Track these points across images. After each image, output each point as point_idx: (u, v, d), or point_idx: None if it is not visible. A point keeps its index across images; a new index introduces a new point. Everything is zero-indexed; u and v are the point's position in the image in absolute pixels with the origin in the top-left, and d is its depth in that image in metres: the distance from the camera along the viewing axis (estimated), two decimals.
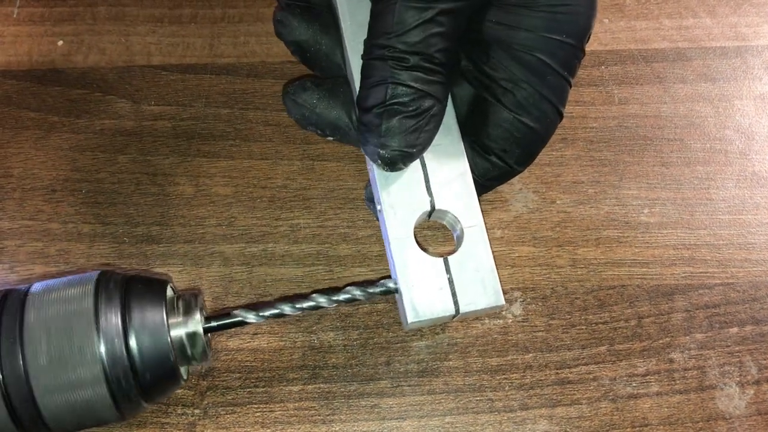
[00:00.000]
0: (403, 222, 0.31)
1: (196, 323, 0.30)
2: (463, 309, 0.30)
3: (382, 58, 0.30)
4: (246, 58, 0.43)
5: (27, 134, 0.40)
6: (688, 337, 0.35)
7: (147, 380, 0.29)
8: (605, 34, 0.44)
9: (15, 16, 0.44)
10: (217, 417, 0.33)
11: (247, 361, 0.34)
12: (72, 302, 0.28)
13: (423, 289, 0.30)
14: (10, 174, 0.39)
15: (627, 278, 0.36)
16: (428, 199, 0.32)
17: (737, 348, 0.35)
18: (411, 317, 0.30)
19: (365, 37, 0.32)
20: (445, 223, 0.33)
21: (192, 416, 0.33)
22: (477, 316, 0.33)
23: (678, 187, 0.39)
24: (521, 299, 0.36)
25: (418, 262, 0.31)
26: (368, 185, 0.35)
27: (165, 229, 0.37)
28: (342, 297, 0.31)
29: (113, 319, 0.28)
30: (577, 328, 0.35)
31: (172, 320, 0.30)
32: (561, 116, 0.33)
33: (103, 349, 0.28)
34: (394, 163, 0.31)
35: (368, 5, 0.32)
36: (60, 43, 0.43)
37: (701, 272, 0.37)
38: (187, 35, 0.43)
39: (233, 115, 0.41)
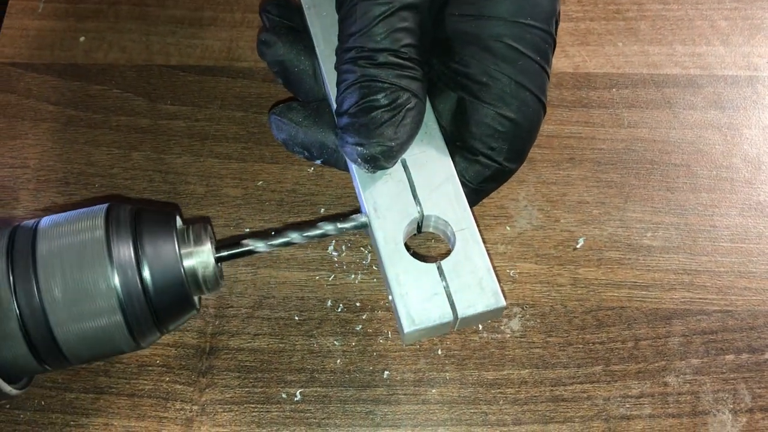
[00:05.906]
0: (392, 231, 0.31)
1: (208, 252, 0.30)
2: (461, 313, 0.29)
3: (352, 60, 0.30)
4: (263, 63, 0.43)
5: (45, 126, 0.41)
6: (683, 362, 0.35)
7: (161, 309, 0.29)
8: (618, 57, 0.44)
9: (40, 10, 0.45)
10: (214, 414, 0.34)
11: (247, 361, 0.35)
12: (84, 234, 0.29)
13: (417, 297, 0.30)
14: (26, 165, 0.40)
15: (626, 300, 0.37)
16: (416, 206, 0.32)
17: (732, 375, 0.35)
18: (407, 326, 0.29)
19: None
20: (435, 230, 0.32)
21: (190, 412, 0.34)
22: (480, 321, 0.32)
23: (682, 213, 0.39)
24: (520, 315, 0.36)
25: (411, 270, 0.30)
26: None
27: None
28: (315, 233, 0.31)
29: (126, 251, 0.29)
30: (574, 346, 0.35)
31: (183, 250, 0.30)
32: (544, 107, 0.33)
33: (117, 280, 0.28)
34: (376, 160, 0.31)
35: None
36: (82, 39, 0.44)
37: (700, 298, 0.37)
38: (207, 37, 0.44)
39: (247, 118, 0.41)
